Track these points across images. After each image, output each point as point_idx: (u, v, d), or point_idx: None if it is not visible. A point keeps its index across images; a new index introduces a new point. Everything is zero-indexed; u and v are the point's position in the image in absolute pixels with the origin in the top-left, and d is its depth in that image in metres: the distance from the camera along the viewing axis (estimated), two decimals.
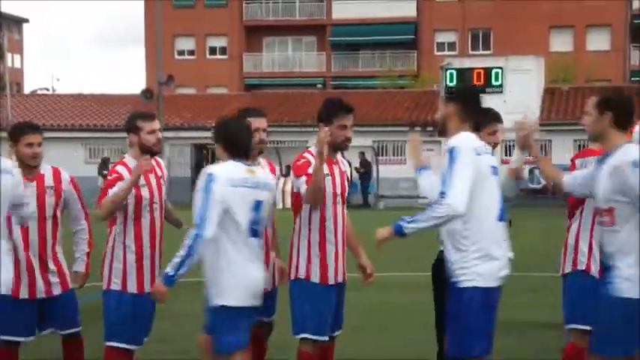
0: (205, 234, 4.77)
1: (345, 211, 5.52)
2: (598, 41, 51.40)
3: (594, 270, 5.39)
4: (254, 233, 4.94)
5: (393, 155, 36.62)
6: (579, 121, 5.96)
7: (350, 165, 7.64)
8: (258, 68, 56.47)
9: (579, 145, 33.54)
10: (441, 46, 53.66)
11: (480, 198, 4.72)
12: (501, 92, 34.43)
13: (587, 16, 50.66)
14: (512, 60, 35.37)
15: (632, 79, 48.59)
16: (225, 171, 4.90)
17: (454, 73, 35.37)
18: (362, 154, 34.25)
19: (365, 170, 34.38)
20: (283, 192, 21.52)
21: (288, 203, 4.86)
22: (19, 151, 5.59)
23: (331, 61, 55.77)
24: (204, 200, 4.81)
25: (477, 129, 4.95)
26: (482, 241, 4.73)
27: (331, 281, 5.35)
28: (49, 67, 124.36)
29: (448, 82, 35.47)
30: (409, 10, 53.97)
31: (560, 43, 51.13)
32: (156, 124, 5.66)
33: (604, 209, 4.59)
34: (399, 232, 4.86)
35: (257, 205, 4.93)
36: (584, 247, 5.47)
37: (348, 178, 5.53)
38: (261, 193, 4.99)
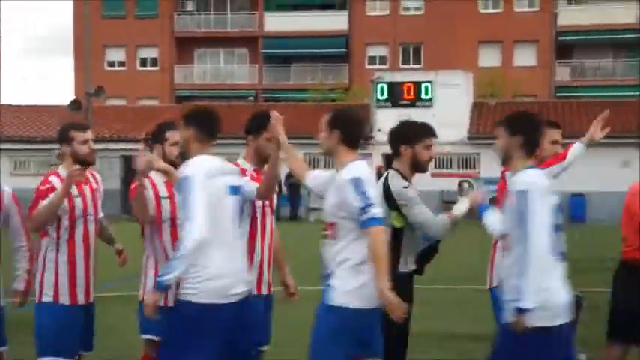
0: None
1: (273, 223, 5.54)
2: (525, 57, 52.51)
3: None
4: None
5: (325, 167, 36.72)
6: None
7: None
8: (189, 80, 56.15)
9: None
10: (372, 60, 54.15)
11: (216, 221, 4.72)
12: (431, 106, 34.90)
13: (515, 32, 51.73)
14: (441, 74, 35.90)
15: (557, 94, 49.78)
16: None
17: (385, 86, 35.75)
18: None
19: (294, 183, 34.43)
20: None
21: None
22: None
23: (263, 73, 55.79)
24: None
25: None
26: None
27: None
28: None
29: (379, 96, 35.82)
30: (341, 24, 54.37)
31: (489, 58, 52.07)
32: (89, 135, 5.60)
33: (329, 223, 4.74)
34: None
35: None
36: None
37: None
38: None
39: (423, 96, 35.20)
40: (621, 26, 50.45)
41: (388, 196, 5.34)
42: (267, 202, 5.42)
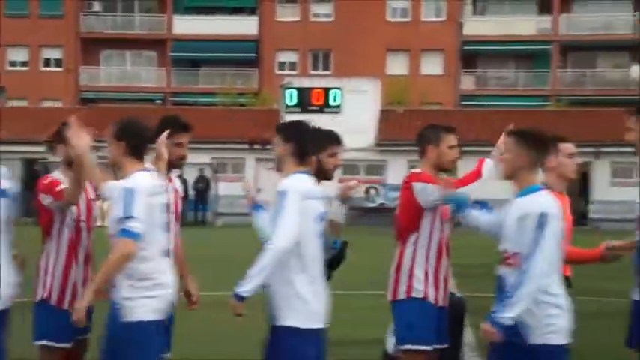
0: None
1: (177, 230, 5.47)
2: (432, 66, 53.43)
3: (432, 297, 5.46)
4: None
5: (233, 173, 36.60)
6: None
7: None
8: (95, 82, 55.10)
9: (412, 167, 34.67)
10: (282, 65, 54.20)
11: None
12: (339, 112, 35.13)
13: (422, 41, 52.58)
14: (350, 81, 36.22)
15: (462, 102, 50.82)
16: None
17: (294, 92, 35.84)
18: (200, 170, 34.03)
19: (203, 187, 34.19)
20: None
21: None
22: None
23: (171, 76, 55.20)
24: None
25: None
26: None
27: None
28: None
29: (288, 101, 35.89)
30: (251, 29, 54.27)
31: (397, 66, 52.77)
32: None
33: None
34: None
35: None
36: (419, 273, 5.47)
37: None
38: None
39: (332, 102, 35.42)
40: (523, 38, 51.90)
41: None
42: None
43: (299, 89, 35.88)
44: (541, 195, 4.61)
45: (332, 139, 5.50)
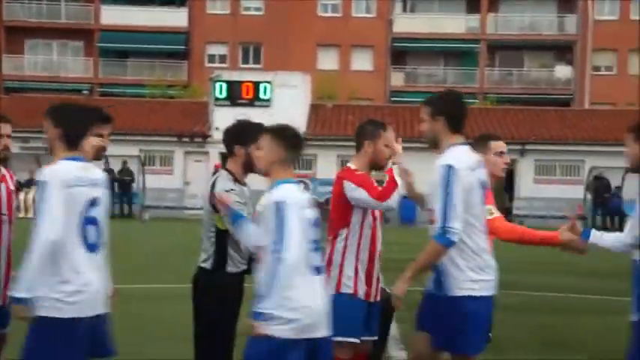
0: None
1: None
2: (362, 61, 53.71)
3: (361, 293, 5.49)
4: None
5: (161, 165, 36.23)
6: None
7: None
8: (19, 71, 53.83)
9: (342, 161, 34.86)
10: (212, 58, 53.82)
11: None
12: (269, 106, 35.09)
13: (352, 37, 52.81)
14: (280, 75, 36.17)
15: (392, 99, 51.24)
16: None
17: (224, 85, 35.64)
18: (124, 162, 33.56)
19: (127, 180, 33.72)
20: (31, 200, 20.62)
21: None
22: None
23: (99, 67, 54.33)
24: None
25: None
26: None
27: None
28: None
29: (218, 94, 35.67)
30: (181, 21, 53.75)
31: (327, 61, 52.91)
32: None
33: None
34: None
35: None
36: (349, 269, 5.48)
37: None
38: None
39: (262, 96, 35.34)
40: (451, 36, 52.59)
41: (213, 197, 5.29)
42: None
43: (229, 82, 35.70)
44: None
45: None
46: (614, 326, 9.97)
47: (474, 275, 4.81)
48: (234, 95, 35.37)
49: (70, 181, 4.45)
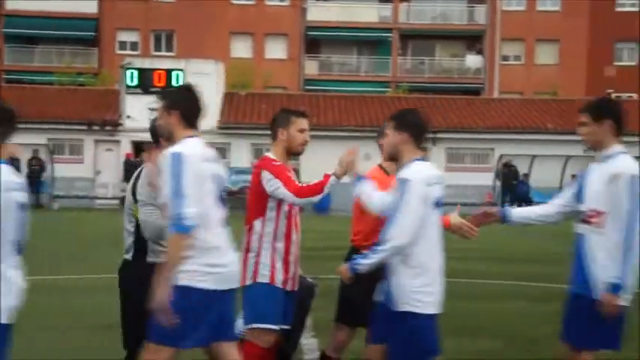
0: None
1: None
2: (276, 50, 53.59)
3: (279, 281, 5.48)
4: None
5: (70, 154, 35.47)
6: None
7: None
8: None
9: (255, 150, 34.76)
10: (123, 45, 52.89)
11: None
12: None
13: (266, 25, 52.65)
14: (192, 63, 35.79)
15: (306, 87, 51.31)
16: None
17: (135, 72, 35.10)
18: (35, 151, 32.78)
19: (37, 169, 32.92)
20: None
21: None
22: None
23: (5, 53, 52.77)
24: None
25: None
26: None
27: None
28: None
29: (129, 82, 35.10)
30: (90, 7, 52.59)
31: (241, 49, 52.61)
32: None
33: None
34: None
35: None
36: (266, 258, 5.48)
37: None
38: None
39: (174, 84, 34.88)
40: (364, 25, 52.94)
41: (135, 188, 5.22)
42: None
43: (140, 70, 35.17)
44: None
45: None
46: (526, 311, 10.22)
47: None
48: (146, 83, 34.86)
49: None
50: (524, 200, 34.54)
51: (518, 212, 5.69)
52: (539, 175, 34.13)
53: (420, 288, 4.90)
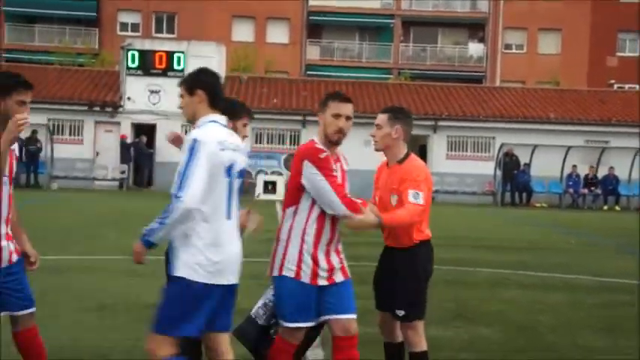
0: None
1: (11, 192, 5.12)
2: (277, 34, 53.40)
3: (305, 276, 5.15)
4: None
5: (70, 135, 35.36)
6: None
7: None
8: None
9: (256, 134, 34.68)
10: (124, 26, 52.70)
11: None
12: (183, 77, 34.62)
13: (268, 9, 52.44)
14: (194, 45, 35.63)
15: (308, 72, 51.16)
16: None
17: (136, 54, 34.94)
18: (34, 132, 32.68)
19: (34, 149, 32.85)
20: None
21: None
22: None
23: (5, 32, 52.57)
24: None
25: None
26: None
27: None
28: None
29: (129, 63, 34.95)
30: None
31: (242, 32, 52.42)
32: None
33: None
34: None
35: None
36: (293, 252, 5.16)
37: None
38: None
39: (175, 66, 34.78)
40: (367, 11, 52.75)
41: None
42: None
43: (141, 51, 35.01)
44: None
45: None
46: (518, 299, 10.19)
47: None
48: (147, 65, 34.73)
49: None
50: (525, 190, 34.50)
51: None
52: (540, 165, 34.05)
53: (199, 257, 4.59)
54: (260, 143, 35.08)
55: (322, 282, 5.12)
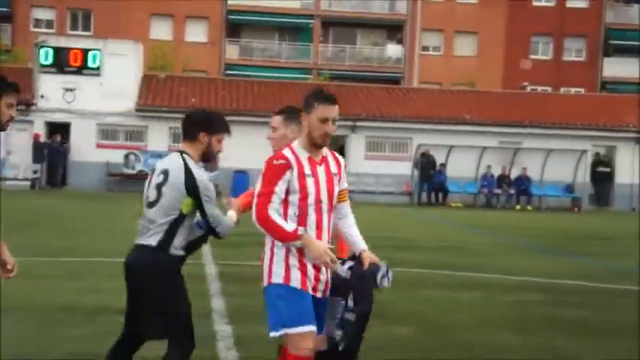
0: None
1: None
2: (196, 33, 52.96)
3: (295, 279, 4.84)
4: None
5: None
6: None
7: None
8: None
9: (173, 134, 34.30)
10: (37, 23, 51.51)
11: None
12: (99, 75, 34.06)
13: (187, 8, 51.96)
14: (110, 43, 35.06)
15: (227, 72, 50.88)
16: None
17: (50, 51, 34.22)
18: None
19: None
20: None
21: None
22: None
23: None
24: None
25: None
26: None
27: None
28: None
29: (43, 61, 34.19)
30: None
31: (161, 31, 51.80)
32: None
33: None
34: None
35: None
36: (279, 256, 4.92)
37: None
38: None
39: (90, 64, 34.18)
40: (286, 10, 52.76)
41: (192, 182, 4.97)
42: None
43: (55, 49, 34.28)
44: None
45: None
46: (436, 299, 10.32)
47: None
48: (61, 62, 34.03)
49: None
50: (441, 190, 35.02)
51: None
52: (455, 165, 34.63)
53: None
54: (178, 143, 34.71)
55: (310, 291, 4.77)
